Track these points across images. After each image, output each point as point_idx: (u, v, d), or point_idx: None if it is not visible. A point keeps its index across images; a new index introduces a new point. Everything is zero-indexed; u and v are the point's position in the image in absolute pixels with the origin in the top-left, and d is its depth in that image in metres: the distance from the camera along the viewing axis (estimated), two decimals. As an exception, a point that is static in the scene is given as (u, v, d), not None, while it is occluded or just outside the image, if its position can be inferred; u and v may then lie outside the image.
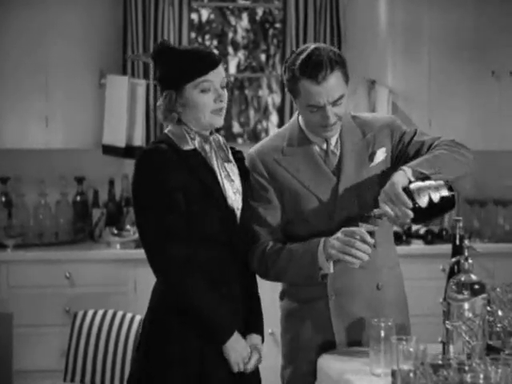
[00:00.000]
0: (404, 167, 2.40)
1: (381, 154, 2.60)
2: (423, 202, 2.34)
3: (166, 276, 2.40)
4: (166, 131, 2.52)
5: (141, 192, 2.42)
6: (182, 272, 2.38)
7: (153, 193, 2.39)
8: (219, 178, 2.46)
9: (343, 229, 2.42)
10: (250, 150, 2.66)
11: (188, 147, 2.46)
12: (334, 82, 2.44)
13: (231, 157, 2.54)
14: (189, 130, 2.48)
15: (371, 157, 2.59)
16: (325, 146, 2.59)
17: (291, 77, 2.48)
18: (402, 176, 2.36)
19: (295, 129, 2.63)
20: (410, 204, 2.32)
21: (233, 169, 2.53)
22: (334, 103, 2.46)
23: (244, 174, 2.57)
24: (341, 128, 2.58)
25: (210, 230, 2.42)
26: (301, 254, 2.48)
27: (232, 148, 2.59)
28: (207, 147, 2.49)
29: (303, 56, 2.45)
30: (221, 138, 2.54)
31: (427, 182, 2.36)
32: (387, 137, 2.61)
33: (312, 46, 2.49)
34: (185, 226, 2.39)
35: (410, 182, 2.36)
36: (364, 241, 2.37)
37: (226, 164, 2.51)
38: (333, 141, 2.59)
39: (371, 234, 2.39)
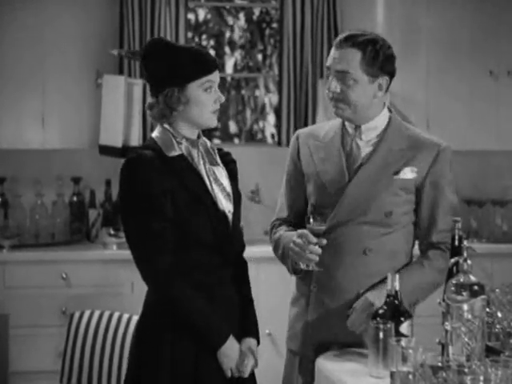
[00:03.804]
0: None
1: (408, 172, 2.57)
2: None
3: (154, 284, 2.39)
4: (152, 135, 2.47)
5: (126, 200, 2.40)
6: (170, 279, 2.36)
7: (137, 200, 2.36)
8: (207, 182, 2.44)
9: (298, 231, 2.48)
10: (298, 131, 2.79)
11: (174, 153, 2.42)
12: (345, 55, 2.52)
13: (219, 160, 2.52)
14: (176, 134, 2.45)
15: (398, 170, 2.57)
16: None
17: None
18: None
19: (339, 120, 2.68)
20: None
21: (221, 172, 2.51)
22: (337, 74, 2.53)
23: (233, 176, 2.56)
24: (386, 129, 2.60)
25: (202, 235, 2.40)
26: (282, 246, 2.61)
27: (220, 150, 2.57)
28: (194, 152, 2.46)
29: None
30: (208, 142, 2.52)
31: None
32: (427, 161, 2.58)
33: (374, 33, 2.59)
34: (172, 233, 2.36)
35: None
36: (310, 242, 2.43)
37: (214, 168, 2.48)
38: (366, 136, 2.60)
39: (319, 234, 2.43)
